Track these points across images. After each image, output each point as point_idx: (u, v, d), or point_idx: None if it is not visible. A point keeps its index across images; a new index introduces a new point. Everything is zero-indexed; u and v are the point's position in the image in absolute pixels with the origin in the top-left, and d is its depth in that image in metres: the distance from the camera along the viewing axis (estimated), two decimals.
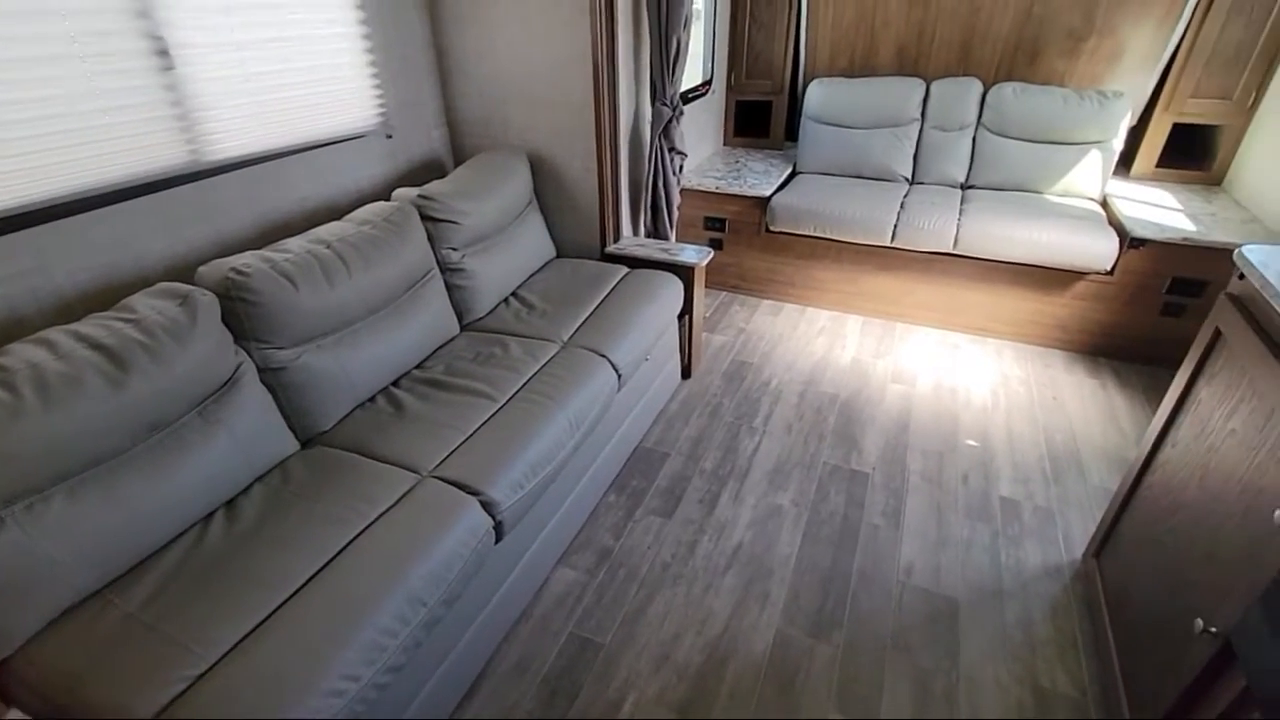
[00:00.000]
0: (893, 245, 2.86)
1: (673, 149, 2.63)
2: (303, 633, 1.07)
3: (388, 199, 2.07)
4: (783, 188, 3.17)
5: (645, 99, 2.58)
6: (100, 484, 1.17)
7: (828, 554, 1.84)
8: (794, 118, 3.56)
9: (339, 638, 1.07)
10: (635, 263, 2.46)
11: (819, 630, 1.62)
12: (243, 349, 1.47)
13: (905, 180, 3.23)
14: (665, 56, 2.39)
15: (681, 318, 2.49)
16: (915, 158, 3.22)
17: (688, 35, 2.40)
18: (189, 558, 1.21)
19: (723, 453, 2.24)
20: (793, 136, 3.59)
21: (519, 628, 1.63)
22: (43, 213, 1.37)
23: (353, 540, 1.24)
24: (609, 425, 1.99)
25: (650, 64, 2.46)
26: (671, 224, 2.79)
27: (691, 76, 3.28)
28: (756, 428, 2.36)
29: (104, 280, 1.49)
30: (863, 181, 3.21)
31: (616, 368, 1.91)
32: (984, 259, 2.74)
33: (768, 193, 3.05)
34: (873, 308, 3.08)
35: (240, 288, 1.43)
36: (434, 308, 1.93)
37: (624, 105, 2.41)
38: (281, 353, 1.51)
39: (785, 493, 2.06)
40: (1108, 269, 2.56)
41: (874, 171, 3.25)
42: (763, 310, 3.20)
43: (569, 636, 1.61)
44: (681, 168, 2.73)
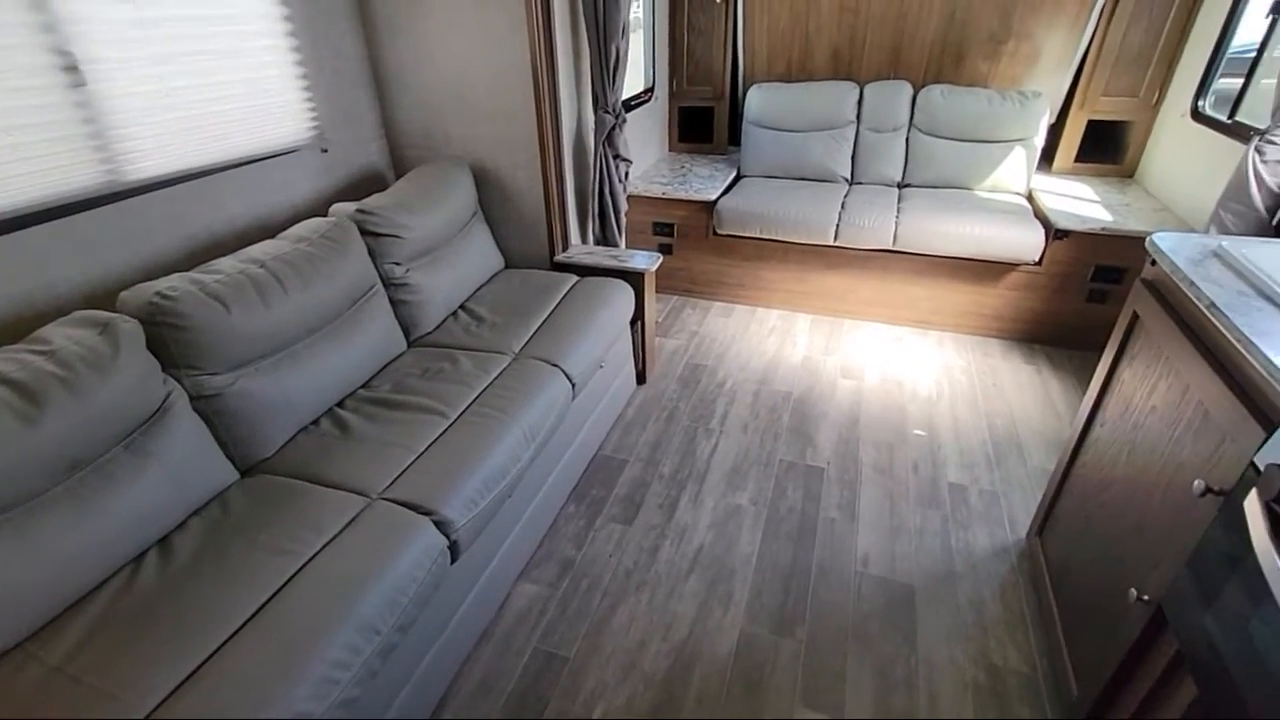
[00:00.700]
0: (836, 244, 2.94)
1: (617, 156, 2.63)
2: (246, 671, 1.02)
3: (325, 215, 2.01)
4: (728, 191, 3.22)
5: (588, 107, 2.58)
6: (15, 529, 1.08)
7: (787, 550, 1.86)
8: (736, 122, 3.62)
9: (286, 674, 1.02)
10: (585, 271, 2.46)
11: (782, 627, 1.64)
12: (172, 377, 1.39)
13: (845, 181, 3.33)
14: (605, 65, 2.39)
15: (634, 324, 2.50)
16: (853, 159, 3.32)
17: (626, 43, 2.42)
18: (119, 602, 1.14)
19: (681, 456, 2.25)
20: (735, 141, 3.65)
21: (481, 648, 1.60)
22: None
23: (299, 571, 1.19)
24: (565, 435, 1.98)
25: (591, 72, 2.47)
26: (620, 231, 2.80)
27: (633, 84, 3.30)
28: (713, 429, 2.38)
29: (14, 311, 1.39)
30: (805, 183, 3.29)
31: (570, 377, 1.90)
32: (922, 254, 2.84)
33: (713, 197, 3.10)
34: (820, 306, 3.15)
35: (166, 312, 1.36)
36: (379, 324, 1.88)
37: (566, 114, 2.40)
38: (215, 379, 1.44)
39: (744, 492, 2.08)
40: (1036, 260, 2.69)
41: (815, 173, 3.33)
42: (714, 312, 3.23)
43: (533, 652, 1.58)
44: (627, 174, 2.74)
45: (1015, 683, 1.50)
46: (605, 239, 2.78)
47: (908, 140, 3.23)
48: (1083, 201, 2.84)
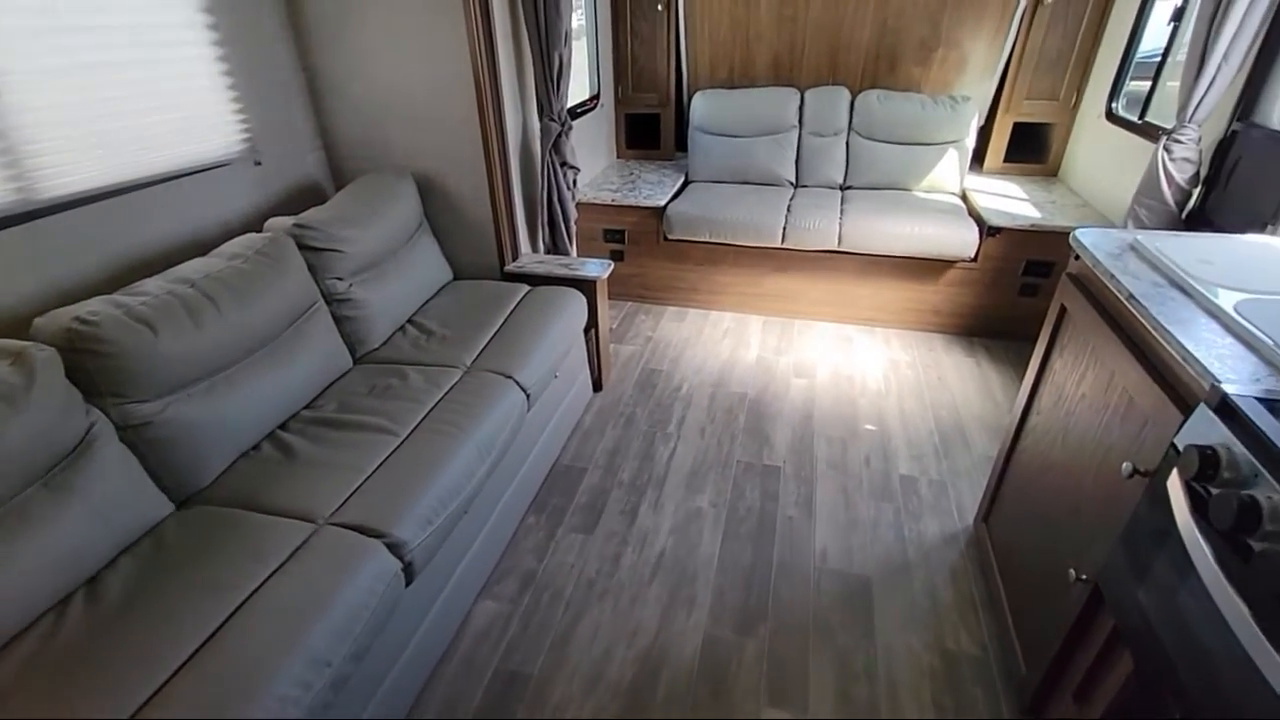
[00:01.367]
0: (784, 246, 3.00)
1: (565, 164, 2.62)
2: (187, 714, 0.96)
3: (260, 230, 1.93)
4: (677, 197, 3.24)
5: (533, 115, 2.56)
6: None
7: (748, 550, 1.88)
8: (682, 128, 3.66)
9: (231, 714, 0.97)
10: (536, 280, 2.43)
11: (745, 626, 1.65)
12: (96, 407, 1.31)
13: (790, 184, 3.40)
14: (549, 73, 2.38)
15: (588, 331, 2.49)
16: (797, 162, 3.40)
17: (569, 51, 2.41)
18: (42, 650, 1.06)
19: (640, 462, 2.25)
20: (683, 147, 3.69)
21: (442, 669, 1.55)
22: None
23: (242, 604, 1.14)
24: (522, 447, 1.95)
25: (535, 80, 2.45)
26: (571, 239, 2.79)
27: (578, 91, 3.30)
28: (671, 433, 2.39)
29: None
30: (751, 187, 3.35)
31: (524, 388, 1.88)
32: (866, 254, 2.93)
33: (663, 202, 3.12)
34: (772, 307, 3.21)
35: (87, 339, 1.28)
36: (322, 342, 1.82)
37: (511, 122, 2.38)
38: (144, 406, 1.36)
39: (703, 495, 2.09)
40: (972, 256, 2.81)
41: (761, 177, 3.39)
42: (668, 317, 3.25)
43: (496, 671, 1.55)
44: (575, 182, 2.74)
45: (968, 666, 1.55)
46: (556, 247, 2.77)
47: (848, 144, 3.33)
48: (1012, 200, 2.98)
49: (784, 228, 2.95)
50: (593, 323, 2.47)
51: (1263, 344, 0.96)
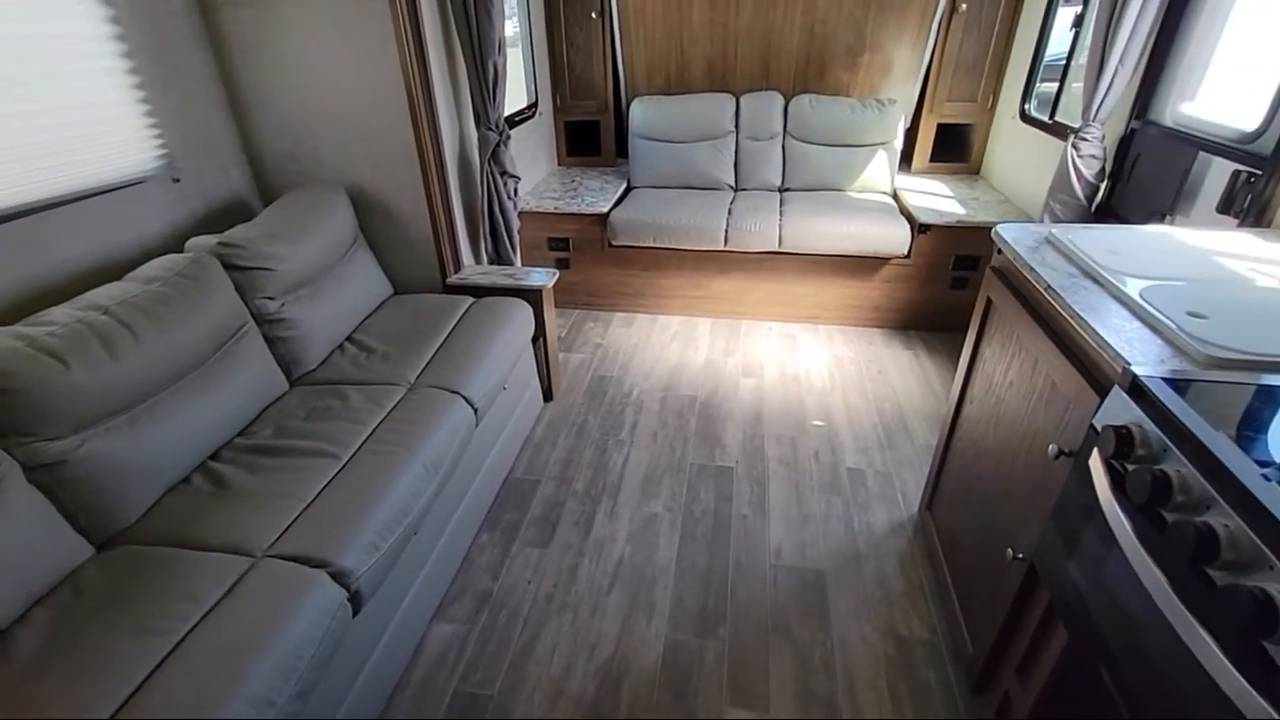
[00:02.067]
0: (727, 249, 3.05)
1: (504, 173, 2.59)
2: None
3: (181, 250, 1.83)
4: (620, 203, 3.25)
5: (469, 124, 2.53)
6: None
7: (704, 552, 1.89)
8: (622, 135, 3.67)
9: None
10: (480, 291, 2.39)
11: (705, 629, 1.66)
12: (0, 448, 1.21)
13: (730, 188, 3.46)
14: (484, 81, 2.35)
15: (535, 341, 2.46)
16: (736, 166, 3.46)
17: (504, 59, 2.39)
18: None
19: (593, 471, 2.23)
20: (624, 153, 3.70)
21: (398, 698, 1.50)
22: None
23: (174, 650, 1.07)
24: (472, 462, 1.91)
25: (470, 89, 2.42)
26: (514, 248, 2.76)
27: (516, 100, 3.27)
28: (624, 440, 2.39)
29: None
30: (693, 191, 3.39)
31: (471, 402, 1.84)
32: (806, 254, 3.00)
33: (606, 209, 3.12)
34: (718, 309, 3.25)
35: None
36: (253, 365, 1.74)
37: (447, 132, 2.34)
38: (55, 444, 1.27)
39: (658, 500, 2.10)
40: (905, 253, 2.92)
41: (701, 181, 3.44)
42: (616, 323, 3.25)
43: (454, 695, 1.51)
44: (517, 191, 2.71)
45: (920, 650, 1.60)
46: (499, 257, 2.73)
47: (784, 147, 3.41)
48: (939, 198, 3.12)
49: (726, 230, 3.00)
50: (540, 332, 2.45)
51: (1166, 327, 1.03)
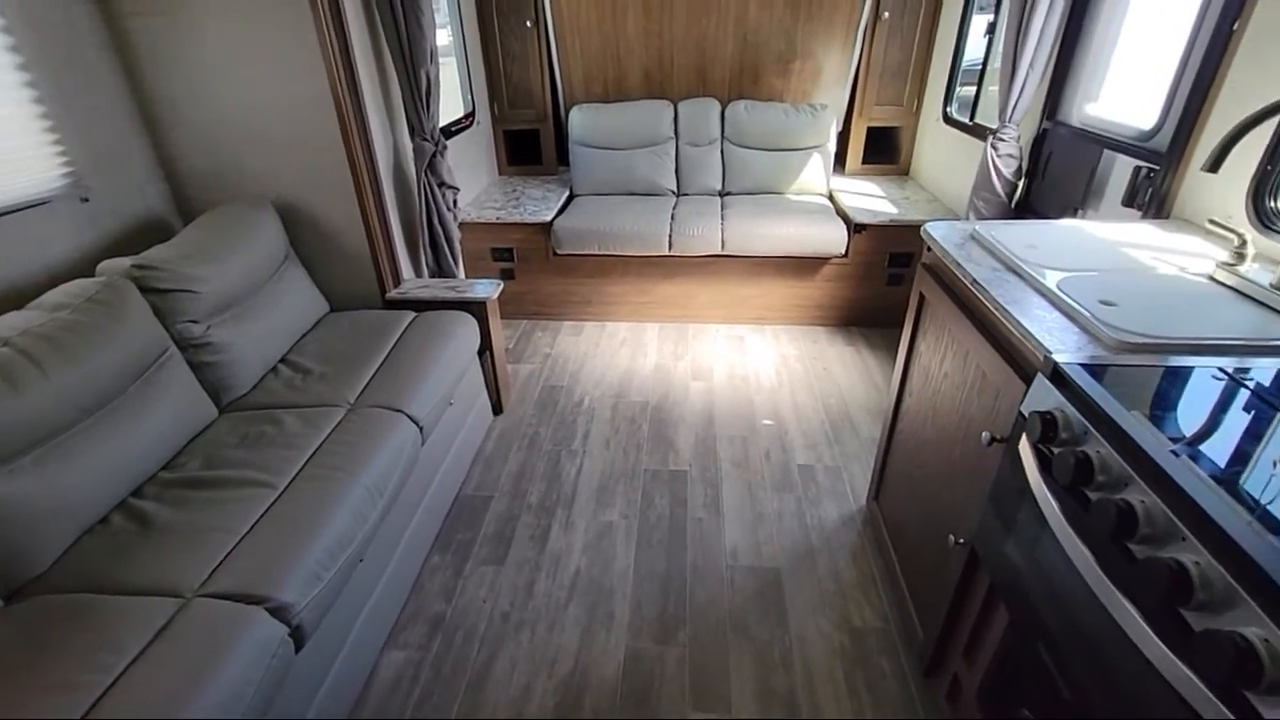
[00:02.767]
0: (671, 254, 3.07)
1: (443, 184, 2.54)
2: None
3: (92, 274, 1.72)
4: (563, 211, 3.23)
5: (404, 135, 2.47)
6: None
7: (661, 557, 1.89)
8: (563, 143, 3.66)
9: None
10: (422, 305, 2.33)
11: (665, 635, 1.66)
12: None
13: (672, 193, 3.49)
14: (416, 91, 2.30)
15: (482, 354, 2.41)
16: (677, 172, 3.49)
17: (437, 69, 2.35)
18: None
19: (547, 482, 2.20)
20: (565, 161, 3.69)
21: None
22: None
23: (95, 704, 0.99)
24: (419, 482, 1.85)
25: (403, 100, 2.36)
26: (456, 260, 2.70)
27: (452, 109, 3.22)
28: (576, 450, 2.37)
29: None
30: (635, 198, 3.40)
31: (415, 420, 1.79)
32: (749, 256, 3.06)
33: (549, 218, 3.10)
34: (666, 313, 3.27)
35: None
36: (177, 393, 1.64)
37: (380, 144, 2.28)
38: None
39: (613, 508, 2.08)
40: (843, 252, 3.01)
41: (643, 188, 3.46)
42: (564, 332, 3.23)
43: None
44: (456, 202, 2.66)
45: (874, 639, 1.64)
46: (441, 270, 2.67)
47: (723, 152, 3.47)
48: (872, 198, 3.23)
49: (670, 235, 3.02)
50: (486, 344, 2.40)
51: (1082, 316, 1.09)
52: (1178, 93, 1.70)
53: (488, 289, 2.40)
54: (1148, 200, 1.73)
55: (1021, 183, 2.40)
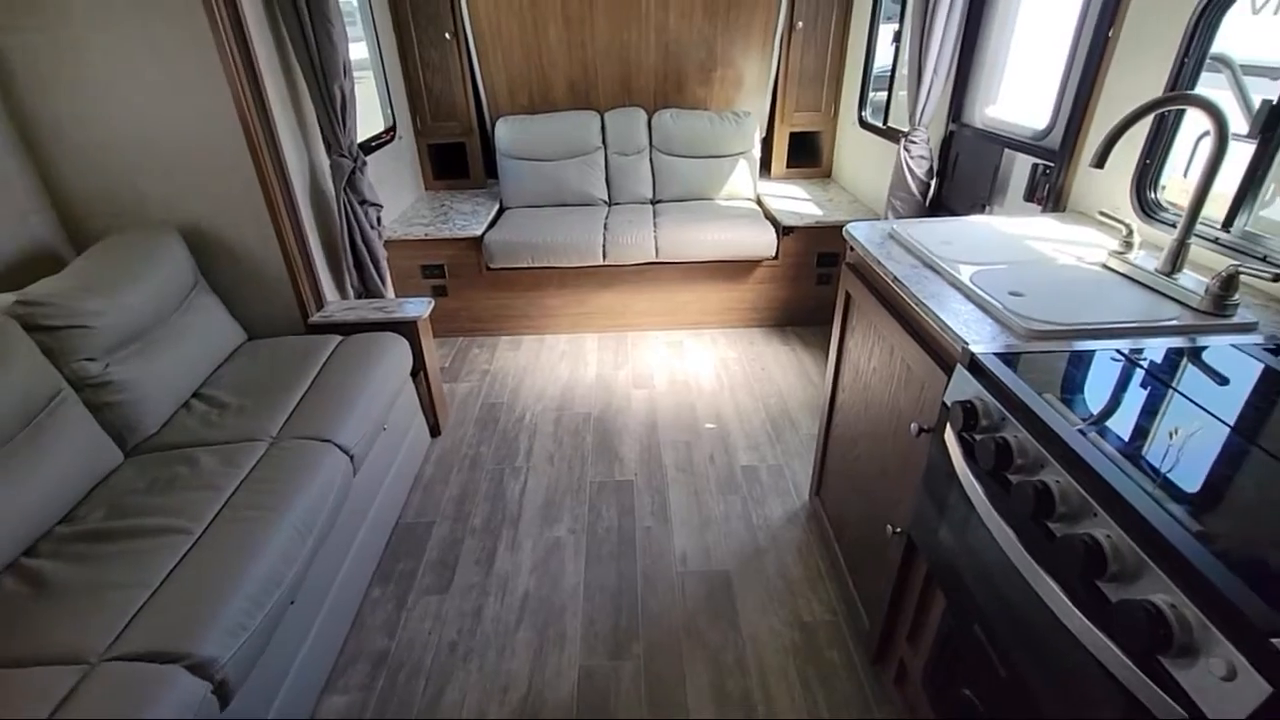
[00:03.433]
0: (606, 263, 3.06)
1: (364, 201, 2.45)
2: None
3: None
4: (494, 225, 3.18)
5: (319, 152, 2.37)
6: None
7: (612, 570, 1.87)
8: (490, 155, 3.60)
9: None
10: (348, 328, 2.24)
11: (619, 649, 1.64)
12: None
13: (604, 203, 3.49)
14: (330, 107, 2.21)
15: (416, 375, 2.33)
16: (607, 181, 3.50)
17: (351, 83, 2.26)
18: None
19: (491, 503, 2.15)
20: (493, 173, 3.63)
21: None
22: None
23: None
24: (354, 514, 1.77)
25: (317, 115, 2.27)
26: (384, 279, 2.61)
27: (371, 124, 3.12)
28: (520, 467, 2.32)
29: None
30: (567, 208, 3.38)
31: (346, 449, 1.71)
32: (683, 262, 3.09)
33: (480, 232, 3.04)
34: (604, 323, 3.26)
35: None
36: (74, 439, 1.50)
37: (294, 162, 2.17)
38: None
39: (560, 524, 2.05)
40: (773, 255, 3.08)
41: (575, 198, 3.44)
42: (502, 347, 3.17)
43: None
44: (380, 219, 2.57)
45: (823, 633, 1.67)
46: (368, 290, 2.57)
47: (651, 160, 3.49)
48: (798, 201, 3.32)
49: (604, 245, 3.02)
50: (420, 365, 2.33)
51: (994, 307, 1.14)
52: (1065, 94, 1.83)
53: (418, 307, 2.32)
54: (1046, 195, 1.84)
55: (934, 182, 2.52)
